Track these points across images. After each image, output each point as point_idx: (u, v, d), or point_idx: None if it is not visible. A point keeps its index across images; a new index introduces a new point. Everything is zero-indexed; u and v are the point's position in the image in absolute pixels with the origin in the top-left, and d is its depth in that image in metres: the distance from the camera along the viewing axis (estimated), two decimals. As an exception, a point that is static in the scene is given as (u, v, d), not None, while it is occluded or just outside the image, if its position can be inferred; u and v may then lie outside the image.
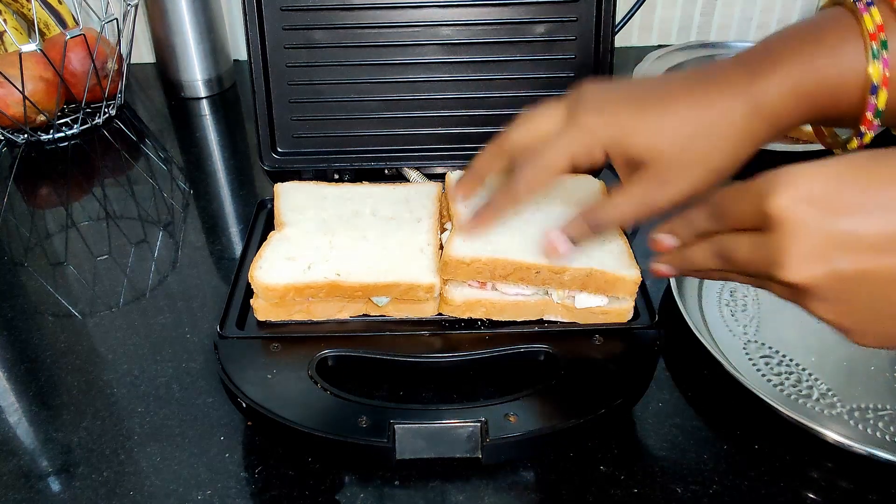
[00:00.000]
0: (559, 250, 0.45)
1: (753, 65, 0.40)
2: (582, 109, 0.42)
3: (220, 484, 0.42)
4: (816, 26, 0.39)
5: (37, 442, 0.46)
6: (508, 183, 0.45)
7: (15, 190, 0.74)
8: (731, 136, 0.40)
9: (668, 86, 0.42)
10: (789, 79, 0.38)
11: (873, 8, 0.37)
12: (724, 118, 0.39)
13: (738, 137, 0.40)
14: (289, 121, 0.61)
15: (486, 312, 0.48)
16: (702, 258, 0.37)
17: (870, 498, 0.41)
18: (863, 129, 0.39)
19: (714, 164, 0.40)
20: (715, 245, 0.36)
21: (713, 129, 0.40)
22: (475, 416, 0.41)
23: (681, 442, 0.44)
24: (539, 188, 0.44)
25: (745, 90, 0.39)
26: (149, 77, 0.97)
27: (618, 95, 0.42)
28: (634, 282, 0.46)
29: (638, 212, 0.42)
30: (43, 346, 0.53)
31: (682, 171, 0.40)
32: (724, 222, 0.35)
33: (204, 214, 0.68)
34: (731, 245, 0.34)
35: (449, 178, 0.56)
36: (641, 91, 0.42)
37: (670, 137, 0.40)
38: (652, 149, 0.40)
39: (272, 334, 0.47)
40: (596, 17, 0.58)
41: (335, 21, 0.58)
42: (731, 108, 0.39)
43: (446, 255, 0.46)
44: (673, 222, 0.38)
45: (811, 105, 0.39)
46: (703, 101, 0.40)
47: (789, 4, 0.96)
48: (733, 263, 0.35)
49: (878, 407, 0.46)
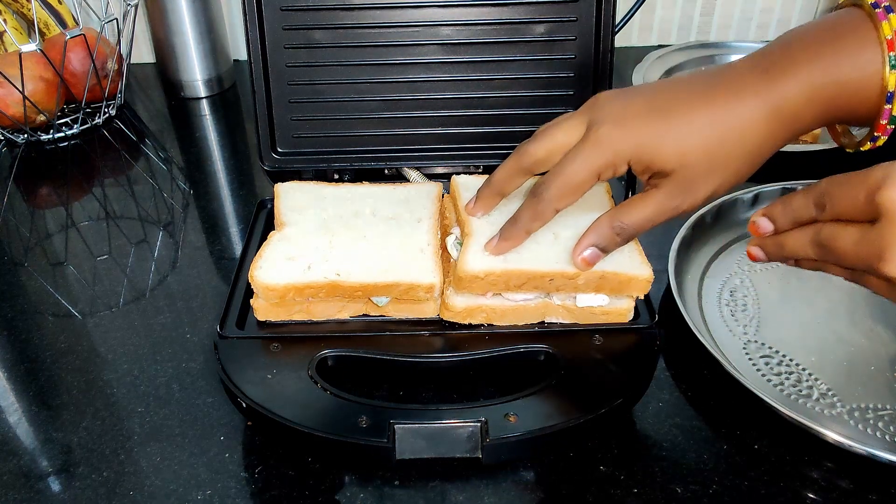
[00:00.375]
0: (591, 262, 0.45)
1: (771, 68, 0.40)
2: (602, 123, 0.42)
3: (220, 484, 0.42)
4: (835, 29, 0.39)
5: (37, 442, 0.46)
6: (532, 201, 0.45)
7: (15, 190, 0.74)
8: (753, 141, 0.40)
9: (687, 93, 0.42)
10: (809, 82, 0.39)
11: (892, 15, 0.37)
12: (746, 123, 0.40)
13: (759, 141, 0.40)
14: (289, 121, 0.61)
15: (487, 318, 0.48)
16: (800, 246, 0.37)
17: (870, 498, 0.41)
18: (877, 134, 0.39)
19: (736, 167, 0.41)
20: (816, 233, 0.36)
21: (736, 135, 0.40)
22: (475, 416, 0.41)
23: (681, 442, 0.44)
24: (565, 205, 0.44)
25: (765, 94, 0.39)
26: (149, 77, 0.97)
27: (637, 107, 0.42)
28: (648, 280, 0.46)
29: (663, 217, 0.43)
30: (43, 346, 0.53)
31: (706, 177, 0.41)
32: (830, 211, 0.35)
33: (204, 214, 0.68)
34: (834, 234, 0.35)
35: (455, 181, 0.55)
36: (660, 100, 0.42)
37: (695, 147, 0.40)
38: (678, 159, 0.41)
39: (272, 334, 0.47)
40: (596, 17, 0.58)
41: (335, 21, 0.58)
42: (753, 113, 0.40)
43: (461, 270, 0.46)
44: (773, 207, 0.39)
45: (829, 108, 0.39)
46: (724, 107, 0.40)
47: (789, 4, 0.96)
48: (833, 254, 0.35)
49: (878, 407, 0.46)
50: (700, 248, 0.59)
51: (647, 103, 0.42)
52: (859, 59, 0.38)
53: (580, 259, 0.45)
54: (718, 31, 0.98)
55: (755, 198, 0.63)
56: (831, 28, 0.39)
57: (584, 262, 0.45)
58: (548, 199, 0.44)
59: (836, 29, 0.39)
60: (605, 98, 0.43)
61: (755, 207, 0.63)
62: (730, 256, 0.59)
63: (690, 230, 0.57)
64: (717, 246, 0.60)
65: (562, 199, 0.44)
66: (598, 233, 0.44)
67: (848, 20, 0.39)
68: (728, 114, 0.40)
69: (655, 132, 0.41)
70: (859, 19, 0.38)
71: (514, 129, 0.60)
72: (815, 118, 0.40)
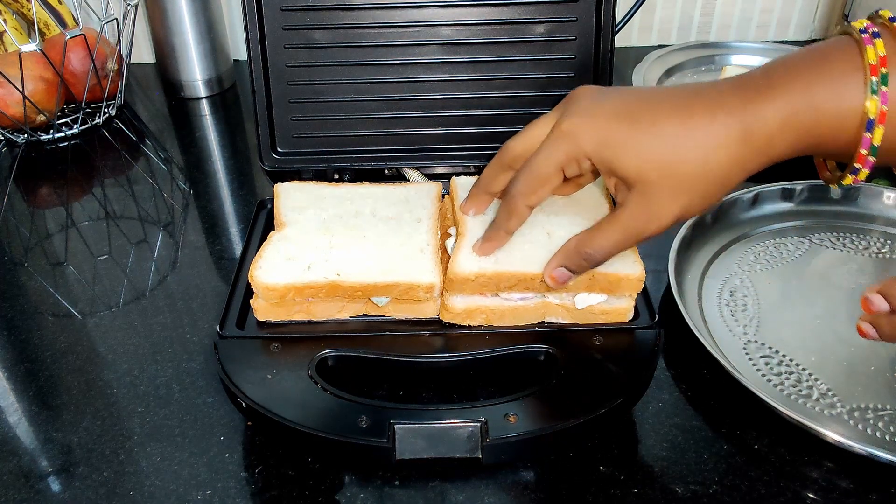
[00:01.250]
0: (560, 282, 0.45)
1: (750, 90, 0.38)
2: (567, 114, 0.41)
3: (220, 484, 0.42)
4: (821, 56, 0.37)
5: (37, 442, 0.46)
6: (505, 200, 0.45)
7: (15, 190, 0.74)
8: (718, 162, 0.38)
9: (662, 103, 0.40)
10: (785, 108, 0.37)
11: (878, 40, 0.35)
12: (713, 142, 0.38)
13: (726, 164, 0.38)
14: (289, 121, 0.61)
15: (487, 319, 0.48)
16: None
17: (870, 498, 0.41)
18: (857, 166, 0.37)
19: (702, 189, 0.39)
20: None
21: (701, 155, 0.38)
22: (475, 416, 0.41)
23: (681, 442, 0.44)
24: (535, 201, 0.44)
25: (737, 115, 0.37)
26: (149, 77, 0.97)
27: (609, 105, 0.41)
28: (639, 279, 0.46)
29: (629, 241, 0.42)
30: (43, 346, 0.53)
31: (670, 197, 0.39)
32: None
33: (204, 214, 0.68)
34: None
35: (454, 182, 0.55)
36: (634, 104, 0.40)
37: (656, 158, 0.39)
38: (638, 171, 0.39)
39: (272, 334, 0.47)
40: (596, 17, 0.58)
41: (335, 21, 0.58)
42: (722, 132, 0.38)
43: (451, 271, 0.46)
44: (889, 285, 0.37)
45: (806, 137, 0.37)
46: (692, 122, 0.38)
47: (789, 4, 0.96)
48: None
49: (878, 407, 0.46)
50: (700, 248, 0.59)
51: (621, 104, 0.41)
52: (840, 86, 0.36)
53: (549, 277, 0.45)
54: (718, 31, 0.98)
55: (755, 197, 0.63)
56: (817, 54, 0.37)
57: (553, 281, 0.45)
58: (516, 195, 0.44)
59: (822, 55, 0.37)
60: (581, 92, 0.43)
61: (755, 207, 0.63)
62: (730, 256, 0.59)
63: (690, 230, 0.57)
64: (717, 246, 0.60)
65: (529, 194, 0.43)
66: (567, 256, 0.44)
67: (835, 47, 0.37)
68: (697, 130, 0.38)
69: (619, 133, 0.39)
70: (846, 45, 0.37)
71: (515, 129, 0.60)
72: (789, 145, 0.38)
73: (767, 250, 0.60)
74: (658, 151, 0.39)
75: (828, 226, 0.62)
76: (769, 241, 0.61)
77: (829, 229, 0.62)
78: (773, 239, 0.61)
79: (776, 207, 0.63)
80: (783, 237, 0.61)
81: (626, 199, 0.40)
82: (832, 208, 0.63)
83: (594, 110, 0.41)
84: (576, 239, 0.44)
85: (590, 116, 0.41)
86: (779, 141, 0.37)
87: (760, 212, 0.63)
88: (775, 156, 0.38)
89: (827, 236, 0.61)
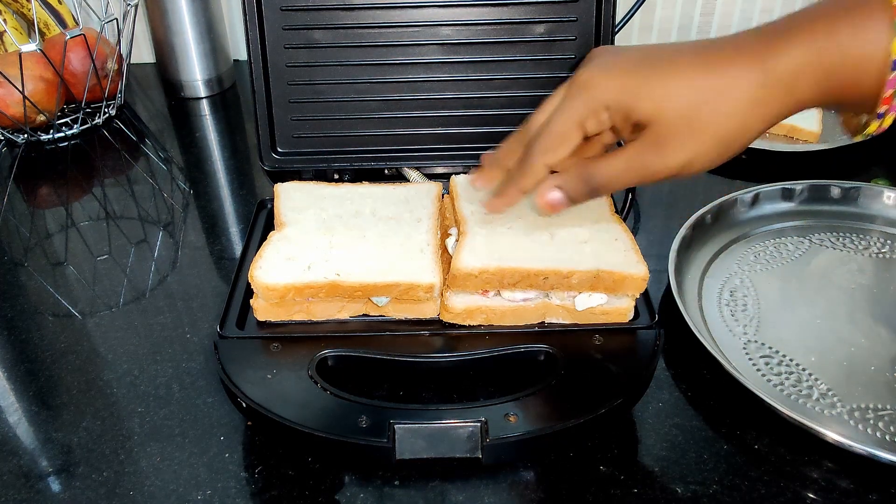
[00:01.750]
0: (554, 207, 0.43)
1: (772, 34, 0.38)
2: (586, 69, 0.41)
3: (220, 484, 0.42)
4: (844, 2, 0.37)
5: (37, 442, 0.46)
6: (523, 158, 0.44)
7: (15, 190, 0.74)
8: (739, 106, 0.38)
9: (679, 50, 0.40)
10: (807, 50, 0.36)
11: None
12: (734, 86, 0.37)
13: (747, 108, 0.38)
14: (289, 121, 0.61)
15: (487, 319, 0.48)
16: None
17: (870, 498, 0.41)
18: (881, 110, 0.37)
19: (719, 134, 0.38)
20: None
21: (721, 96, 0.38)
22: (475, 416, 0.41)
23: (681, 442, 0.44)
24: (553, 159, 0.42)
25: (759, 59, 0.37)
26: (149, 77, 0.97)
27: (628, 58, 0.41)
28: (643, 279, 0.46)
29: (634, 175, 0.41)
30: (43, 346, 0.53)
31: (684, 138, 0.38)
32: None
33: (204, 214, 0.68)
34: None
35: (454, 182, 0.55)
36: (654, 54, 0.40)
37: (674, 100, 0.38)
38: (654, 110, 0.39)
39: (272, 334, 0.47)
40: (596, 17, 0.58)
41: (335, 21, 0.58)
42: (743, 75, 0.37)
43: (454, 268, 0.46)
44: None
45: (828, 81, 0.37)
46: (713, 66, 0.38)
47: (789, 5, 0.96)
48: None
49: (878, 407, 0.46)
50: (700, 248, 0.59)
51: (638, 55, 0.41)
52: (865, 27, 0.35)
53: (544, 200, 0.43)
54: (718, 31, 0.98)
55: (755, 197, 0.63)
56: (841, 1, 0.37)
57: (547, 206, 0.43)
58: (535, 152, 0.43)
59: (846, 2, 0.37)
60: (598, 51, 0.42)
61: (755, 207, 0.63)
62: (730, 256, 0.59)
63: (690, 230, 0.57)
64: (717, 246, 0.60)
65: (548, 151, 0.42)
66: (567, 178, 0.42)
67: None
68: (716, 73, 0.38)
69: (639, 78, 0.39)
70: None
71: (515, 129, 0.60)
72: (810, 89, 0.37)
73: (767, 250, 0.60)
74: (675, 93, 0.38)
75: (828, 226, 0.62)
76: (769, 241, 0.61)
77: (829, 229, 0.62)
78: (773, 239, 0.61)
79: (776, 207, 0.63)
80: (783, 237, 0.61)
81: (639, 136, 0.40)
82: (832, 208, 0.64)
83: (611, 64, 0.41)
84: (577, 163, 0.42)
85: (607, 69, 0.40)
86: (801, 84, 0.37)
87: (760, 212, 0.63)
88: (795, 102, 0.38)
89: (827, 236, 0.61)
